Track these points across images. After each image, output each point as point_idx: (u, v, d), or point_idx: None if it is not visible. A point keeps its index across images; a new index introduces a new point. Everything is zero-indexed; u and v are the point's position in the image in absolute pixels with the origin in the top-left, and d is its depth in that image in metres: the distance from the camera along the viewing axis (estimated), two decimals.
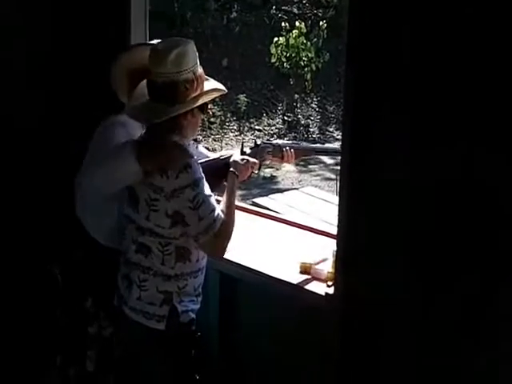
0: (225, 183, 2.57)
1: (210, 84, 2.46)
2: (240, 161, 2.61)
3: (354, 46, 2.30)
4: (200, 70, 2.39)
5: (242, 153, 2.72)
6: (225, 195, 2.50)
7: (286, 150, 2.83)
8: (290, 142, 2.98)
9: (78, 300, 2.85)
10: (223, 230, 2.37)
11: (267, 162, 2.89)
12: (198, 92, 2.37)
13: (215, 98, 2.59)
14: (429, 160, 2.17)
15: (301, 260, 2.85)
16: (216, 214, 2.35)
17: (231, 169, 2.57)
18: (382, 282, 2.33)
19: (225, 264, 2.93)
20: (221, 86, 2.48)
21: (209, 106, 2.52)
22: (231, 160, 2.61)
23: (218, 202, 2.46)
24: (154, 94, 2.36)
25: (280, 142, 2.91)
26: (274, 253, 3.05)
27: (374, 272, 2.35)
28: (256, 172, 2.78)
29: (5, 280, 3.51)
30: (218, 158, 2.69)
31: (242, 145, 2.76)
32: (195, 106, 2.37)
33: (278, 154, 2.83)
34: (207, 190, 2.35)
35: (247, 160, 2.64)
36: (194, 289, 2.50)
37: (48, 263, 3.12)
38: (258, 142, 2.84)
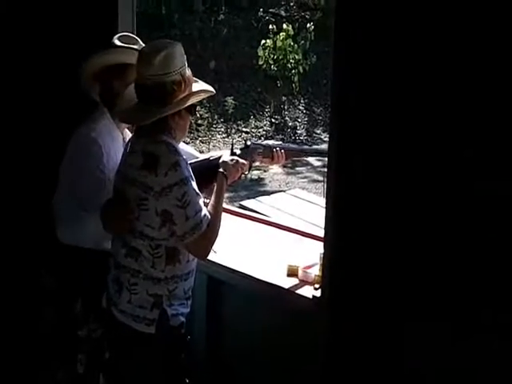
0: (214, 184, 2.56)
1: (199, 85, 2.47)
2: (230, 161, 2.59)
3: (340, 48, 2.30)
4: (188, 71, 2.40)
5: (232, 153, 2.70)
6: (213, 196, 2.49)
7: (277, 150, 2.82)
8: (280, 142, 2.98)
9: (68, 303, 2.82)
10: (209, 231, 2.36)
11: (257, 163, 2.88)
12: (187, 93, 2.38)
13: (203, 99, 2.59)
14: (417, 161, 2.17)
15: (288, 263, 2.85)
16: (203, 214, 2.34)
17: (220, 169, 2.56)
18: (369, 285, 2.33)
19: (212, 267, 2.93)
20: (209, 87, 2.48)
21: (197, 108, 2.52)
22: (221, 161, 2.60)
23: (206, 204, 2.45)
24: (143, 96, 2.36)
25: (270, 142, 2.90)
26: (261, 255, 3.04)
27: (361, 275, 2.35)
28: (246, 173, 2.76)
29: None
30: (208, 158, 2.68)
31: (232, 145, 2.75)
32: (183, 106, 2.37)
33: (268, 154, 2.82)
34: (195, 189, 2.34)
35: (237, 161, 2.62)
36: (184, 292, 2.48)
37: (38, 266, 3.12)
38: (248, 142, 2.83)
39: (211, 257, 2.85)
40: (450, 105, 2.08)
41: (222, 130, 12.05)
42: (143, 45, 2.63)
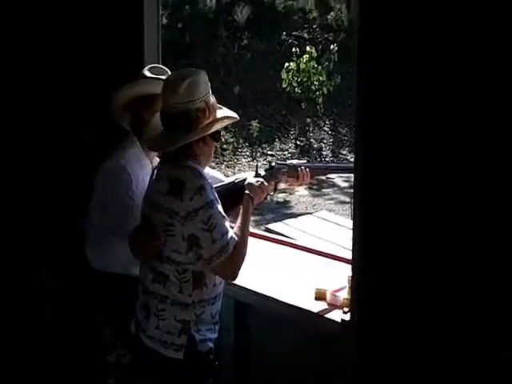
0: (240, 207, 2.55)
1: (223, 112, 2.49)
2: (255, 183, 2.60)
3: (363, 68, 2.29)
4: (212, 99, 2.42)
5: (257, 175, 2.70)
6: (239, 218, 2.48)
7: (301, 169, 2.80)
8: (304, 161, 2.95)
9: (97, 329, 2.84)
10: (236, 253, 2.36)
11: (283, 184, 2.85)
12: (211, 120, 2.40)
13: (227, 124, 2.60)
14: (443, 180, 2.14)
15: (316, 286, 2.82)
16: (229, 236, 2.34)
17: (246, 191, 2.56)
18: (398, 308, 2.29)
19: (239, 291, 2.91)
20: (232, 114, 2.50)
21: (221, 134, 2.53)
22: (246, 183, 2.60)
23: (232, 226, 2.45)
24: (168, 124, 2.39)
25: (294, 161, 2.89)
26: (288, 279, 3.02)
27: (390, 297, 2.31)
28: (272, 194, 2.76)
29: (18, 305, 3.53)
30: (233, 181, 2.68)
31: (257, 167, 2.74)
32: (207, 133, 2.40)
33: (294, 173, 2.80)
34: (221, 212, 2.34)
35: (262, 182, 2.62)
36: (212, 316, 2.47)
37: (38, 266, 3.15)
38: (273, 163, 2.82)
39: (238, 281, 2.84)
40: (468, 120, 2.06)
41: (248, 153, 12.08)
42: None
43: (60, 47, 3.41)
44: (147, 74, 2.74)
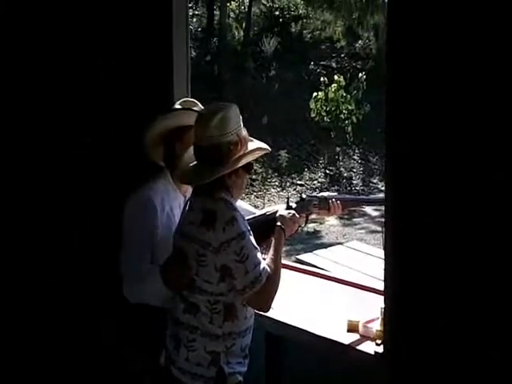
0: (272, 239, 2.55)
1: (254, 144, 2.50)
2: (286, 215, 2.61)
3: (393, 96, 2.28)
4: (244, 132, 2.44)
5: (288, 207, 2.71)
6: (271, 249, 2.49)
7: (332, 201, 2.81)
8: (335, 193, 2.95)
9: (126, 360, 2.84)
10: (269, 284, 2.35)
11: (314, 215, 2.86)
12: (242, 152, 2.41)
13: (259, 156, 2.61)
14: (476, 208, 2.10)
15: (348, 318, 2.78)
16: (262, 267, 2.34)
17: (278, 223, 2.57)
18: (432, 340, 2.24)
19: (270, 323, 2.88)
20: (264, 145, 2.52)
21: (253, 166, 2.55)
22: (278, 215, 2.61)
23: (264, 258, 2.44)
24: (200, 157, 2.42)
25: (325, 194, 2.88)
26: (320, 311, 2.98)
27: (425, 329, 2.26)
28: (303, 226, 2.76)
29: (56, 337, 3.54)
30: (265, 213, 2.69)
31: (288, 199, 2.75)
32: (239, 166, 2.41)
33: (325, 206, 2.80)
34: (253, 243, 2.35)
35: (293, 214, 2.64)
36: (241, 349, 2.45)
37: (99, 318, 3.17)
38: (304, 195, 2.82)
39: (269, 313, 2.82)
40: (503, 150, 2.03)
41: (277, 183, 12.10)
42: (202, 107, 2.68)
43: (90, 81, 3.46)
44: (179, 107, 2.77)
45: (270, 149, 2.53)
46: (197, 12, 19.17)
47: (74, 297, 3.57)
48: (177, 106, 2.79)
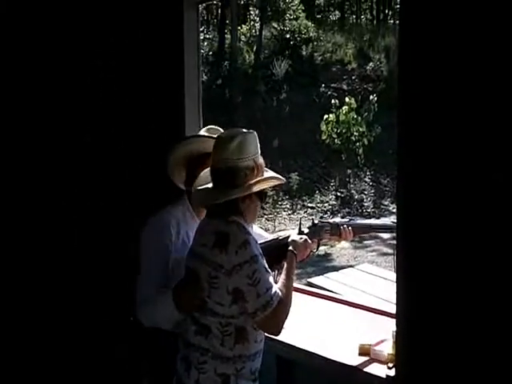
0: (284, 263, 2.55)
1: (269, 174, 2.52)
2: (299, 240, 2.62)
3: (406, 118, 2.27)
4: (261, 159, 2.47)
5: (300, 232, 2.73)
6: (283, 273, 2.49)
7: (344, 227, 2.82)
8: (347, 219, 2.94)
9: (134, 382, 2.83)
10: (280, 308, 2.35)
11: (325, 240, 2.87)
12: (258, 179, 2.43)
13: (273, 186, 2.63)
14: (490, 231, 2.09)
15: (360, 341, 2.75)
16: (273, 291, 2.34)
17: (290, 247, 2.58)
18: (445, 364, 2.22)
19: (281, 346, 2.86)
20: (279, 176, 2.54)
21: (267, 194, 2.57)
22: (290, 239, 2.62)
23: (276, 282, 2.44)
24: (216, 180, 2.44)
25: (337, 220, 2.89)
26: (331, 334, 2.96)
27: (436, 353, 2.24)
28: (315, 251, 2.76)
29: (71, 358, 3.55)
30: (277, 238, 2.70)
31: (300, 224, 2.76)
32: (254, 191, 2.42)
33: (336, 232, 2.82)
34: (265, 267, 2.35)
35: (305, 239, 2.65)
36: (251, 372, 2.45)
37: (119, 346, 3.17)
38: (316, 221, 2.84)
39: (280, 336, 2.80)
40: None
41: (288, 206, 12.10)
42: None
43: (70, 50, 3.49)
44: (205, 134, 2.81)
45: (284, 180, 2.55)
46: (208, 36, 19.38)
47: (88, 320, 3.57)
48: (202, 132, 2.83)
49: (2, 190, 3.75)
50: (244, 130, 2.46)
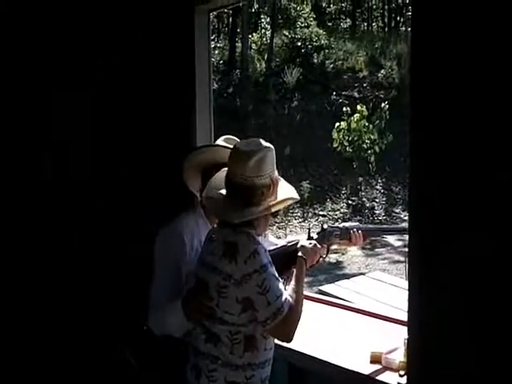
0: (293, 269, 2.54)
1: (284, 186, 2.50)
2: (308, 245, 2.60)
3: (418, 126, 2.27)
4: (276, 175, 2.44)
5: (309, 238, 2.70)
6: (293, 280, 2.48)
7: (354, 231, 2.80)
8: (357, 223, 2.94)
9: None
10: (291, 315, 2.34)
11: (335, 246, 2.84)
12: (273, 198, 2.42)
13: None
14: (503, 238, 2.08)
15: (371, 349, 2.74)
16: (284, 298, 2.33)
17: (299, 253, 2.56)
18: (458, 372, 2.20)
19: (293, 355, 2.85)
20: (294, 193, 2.52)
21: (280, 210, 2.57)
22: (299, 245, 2.60)
23: (285, 289, 2.43)
24: (232, 192, 2.41)
25: (347, 224, 2.87)
26: (342, 342, 2.95)
27: (449, 361, 2.23)
28: (324, 256, 2.73)
29: (79, 363, 3.56)
30: (286, 244, 2.68)
31: (309, 230, 2.74)
32: (271, 212, 2.43)
33: (346, 236, 2.79)
34: (275, 274, 2.34)
35: (315, 244, 2.62)
36: (261, 380, 2.44)
37: (120, 346, 3.17)
38: (325, 226, 2.80)
39: (292, 344, 2.79)
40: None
41: (299, 214, 12.09)
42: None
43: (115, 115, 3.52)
44: (223, 143, 2.79)
45: (299, 197, 2.54)
46: (219, 44, 19.44)
47: (87, 320, 3.58)
48: (220, 141, 2.82)
49: (2, 189, 3.76)
50: (262, 144, 2.42)
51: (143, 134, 3.46)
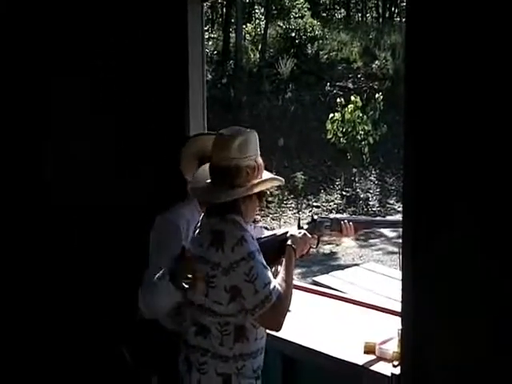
0: (283, 258, 2.53)
1: (268, 174, 2.52)
2: (297, 235, 2.60)
3: (412, 117, 2.27)
4: (260, 159, 2.46)
5: (300, 228, 2.69)
6: (282, 269, 2.47)
7: (345, 223, 2.78)
8: (347, 215, 2.93)
9: (144, 381, 2.84)
10: (280, 303, 2.33)
11: (326, 238, 2.84)
12: (258, 179, 2.43)
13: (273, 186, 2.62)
14: (494, 229, 2.09)
15: (365, 340, 2.75)
16: (272, 286, 2.32)
17: (289, 242, 2.55)
18: (451, 362, 2.21)
19: (286, 345, 2.85)
20: (278, 177, 2.54)
21: (266, 194, 2.56)
22: (289, 234, 2.60)
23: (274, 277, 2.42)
24: (217, 177, 2.43)
25: (338, 216, 2.86)
26: (336, 333, 2.95)
27: (442, 351, 2.24)
28: (314, 247, 2.73)
29: (76, 360, 3.56)
30: (275, 234, 2.68)
31: (299, 220, 2.74)
32: (255, 191, 2.42)
33: (337, 227, 2.77)
34: (263, 262, 2.34)
35: (304, 234, 2.62)
36: (253, 370, 2.44)
37: (117, 343, 3.17)
38: (315, 216, 2.80)
39: (286, 335, 2.80)
40: None
41: (293, 205, 12.09)
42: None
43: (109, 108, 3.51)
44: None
45: (283, 180, 2.54)
46: (212, 35, 19.37)
47: (88, 319, 3.58)
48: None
49: (2, 190, 3.75)
50: (245, 129, 2.45)
51: (136, 125, 3.45)
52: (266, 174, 2.49)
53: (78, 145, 3.59)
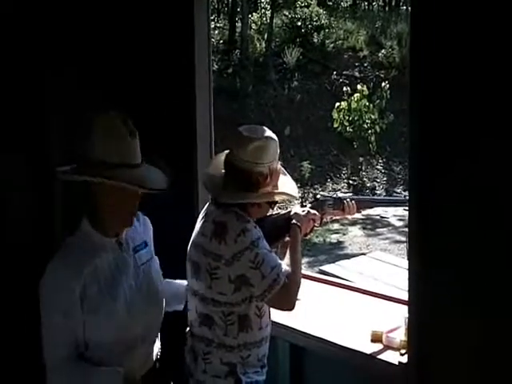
0: (287, 238, 2.55)
1: (285, 180, 2.52)
2: (301, 212, 2.62)
3: (417, 105, 2.27)
4: (277, 165, 2.44)
5: (302, 207, 2.71)
6: (289, 248, 2.49)
7: (347, 201, 2.78)
8: (350, 194, 2.94)
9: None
10: (290, 283, 2.34)
11: (329, 217, 2.84)
12: (270, 188, 2.43)
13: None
14: (502, 218, 2.09)
15: (372, 328, 2.76)
16: (279, 268, 2.33)
17: (293, 221, 2.57)
18: (457, 350, 2.22)
19: (294, 334, 2.87)
20: (293, 191, 2.52)
21: (278, 202, 2.54)
22: (292, 213, 2.62)
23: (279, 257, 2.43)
24: (228, 172, 2.43)
25: (340, 194, 2.87)
26: (344, 322, 2.96)
27: (449, 339, 2.24)
28: (318, 225, 2.73)
29: None
30: (278, 213, 2.70)
31: (302, 199, 2.74)
32: (263, 201, 2.43)
33: (339, 206, 2.77)
34: (266, 247, 2.34)
35: (308, 211, 2.64)
36: (258, 359, 2.45)
37: None
38: (318, 195, 2.82)
39: (293, 324, 2.81)
40: None
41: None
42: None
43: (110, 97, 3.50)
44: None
45: (298, 196, 2.54)
46: (218, 24, 19.31)
47: None
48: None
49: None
50: (266, 133, 2.41)
51: (142, 116, 3.45)
52: (283, 181, 2.49)
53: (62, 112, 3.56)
